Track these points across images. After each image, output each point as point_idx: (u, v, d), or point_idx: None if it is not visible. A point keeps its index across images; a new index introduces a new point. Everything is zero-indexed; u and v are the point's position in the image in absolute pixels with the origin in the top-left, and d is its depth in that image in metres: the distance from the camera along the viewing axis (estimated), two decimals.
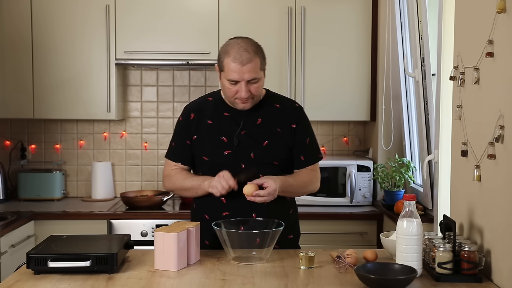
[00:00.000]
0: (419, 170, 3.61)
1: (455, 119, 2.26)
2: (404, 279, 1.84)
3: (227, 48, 2.33)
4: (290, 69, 3.89)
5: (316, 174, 2.53)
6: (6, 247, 3.16)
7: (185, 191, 2.47)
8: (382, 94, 3.73)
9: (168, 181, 2.50)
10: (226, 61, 2.31)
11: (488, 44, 1.94)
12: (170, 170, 2.50)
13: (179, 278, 1.98)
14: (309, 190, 2.52)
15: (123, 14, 3.86)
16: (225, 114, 2.44)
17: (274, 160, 2.42)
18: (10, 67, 3.85)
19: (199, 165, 2.47)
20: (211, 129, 2.43)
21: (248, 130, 2.41)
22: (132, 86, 4.25)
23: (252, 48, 2.32)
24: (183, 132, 2.48)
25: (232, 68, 2.29)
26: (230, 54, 2.30)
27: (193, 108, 2.49)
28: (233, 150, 2.39)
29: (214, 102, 2.48)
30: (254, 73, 2.31)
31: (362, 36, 3.92)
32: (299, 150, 2.46)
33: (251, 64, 2.29)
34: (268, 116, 2.44)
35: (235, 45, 2.32)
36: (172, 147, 2.52)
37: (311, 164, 2.49)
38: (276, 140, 2.42)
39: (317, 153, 2.53)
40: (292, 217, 2.51)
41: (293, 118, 2.46)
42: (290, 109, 2.49)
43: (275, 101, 2.50)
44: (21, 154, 4.17)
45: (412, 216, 1.96)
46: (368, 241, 3.66)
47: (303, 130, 2.47)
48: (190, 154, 2.47)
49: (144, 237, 3.57)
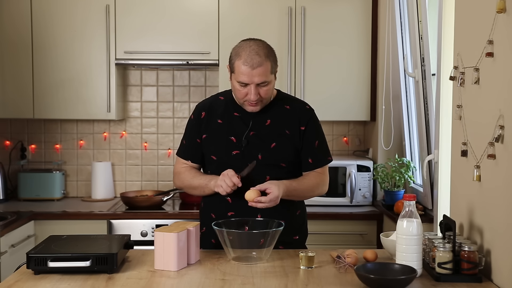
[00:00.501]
0: (419, 170, 3.61)
1: (455, 119, 2.26)
2: (404, 279, 1.84)
3: (239, 50, 2.32)
4: (290, 69, 3.89)
5: (324, 177, 2.51)
6: (6, 247, 3.16)
7: (193, 189, 2.48)
8: (382, 94, 3.73)
9: (178, 179, 2.53)
10: (237, 63, 2.30)
11: (488, 44, 1.94)
12: (180, 168, 2.51)
13: (179, 278, 1.98)
14: (316, 194, 2.50)
15: (123, 14, 3.86)
16: (235, 114, 2.44)
17: (281, 162, 2.41)
18: (10, 67, 3.85)
19: (208, 164, 2.47)
20: (221, 128, 2.43)
21: (256, 131, 2.41)
22: (132, 86, 4.25)
23: (263, 52, 2.30)
24: (194, 130, 2.48)
25: (242, 71, 2.28)
26: (241, 57, 2.29)
27: (205, 107, 2.49)
28: (241, 151, 2.39)
29: (225, 102, 2.48)
30: (264, 76, 2.29)
31: (362, 36, 3.92)
32: (307, 153, 2.45)
33: (262, 68, 2.28)
34: (277, 118, 2.44)
35: (247, 47, 2.30)
36: (183, 145, 2.53)
37: (319, 167, 2.48)
38: (283, 142, 2.41)
39: (326, 156, 2.51)
40: (299, 218, 2.50)
41: (303, 120, 2.45)
42: (300, 111, 2.47)
43: (285, 102, 2.49)
44: (21, 154, 4.17)
45: (412, 216, 1.96)
46: (368, 241, 3.66)
47: (312, 133, 2.46)
48: (199, 153, 2.47)
49: (144, 237, 3.57)
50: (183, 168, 2.50)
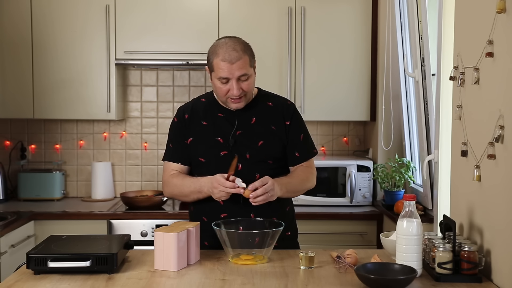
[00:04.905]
0: (419, 170, 3.61)
1: (455, 119, 2.26)
2: (404, 279, 1.84)
3: (215, 48, 2.35)
4: (290, 69, 3.89)
5: (312, 170, 2.52)
6: (6, 247, 3.16)
7: (185, 197, 2.44)
8: (382, 94, 3.73)
9: (167, 188, 2.47)
10: (216, 61, 2.32)
11: (488, 44, 1.94)
12: (167, 177, 2.46)
13: (179, 278, 1.98)
14: (307, 187, 2.51)
15: (123, 14, 3.87)
16: (219, 115, 2.44)
17: (269, 159, 2.41)
18: (10, 67, 3.85)
19: (196, 167, 2.45)
20: (206, 130, 2.42)
21: (243, 130, 2.41)
22: (132, 86, 4.25)
23: (240, 47, 2.33)
24: (179, 132, 2.47)
25: (221, 67, 2.31)
26: (219, 54, 2.32)
27: (187, 109, 2.49)
28: (229, 151, 2.38)
29: (207, 103, 2.48)
30: (244, 69, 2.32)
31: (362, 36, 3.92)
32: (294, 147, 2.46)
33: (240, 61, 2.31)
34: (262, 115, 2.44)
35: (223, 45, 2.34)
36: (170, 149, 2.50)
37: (306, 160, 2.49)
38: (270, 138, 2.42)
39: (311, 149, 2.53)
40: (289, 214, 2.51)
41: (286, 115, 2.46)
42: (283, 107, 2.49)
43: (267, 99, 2.50)
44: (21, 154, 4.17)
45: (412, 216, 1.96)
46: (368, 241, 3.66)
47: (296, 127, 2.48)
48: (188, 154, 2.46)
49: (144, 237, 3.57)
50: (171, 176, 2.45)
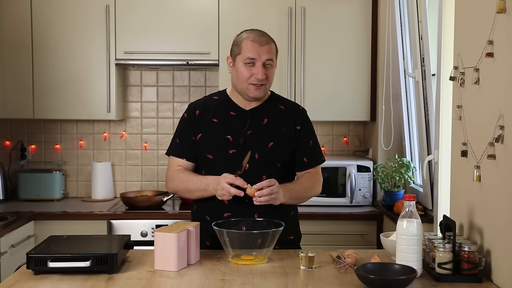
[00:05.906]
0: (419, 170, 3.61)
1: (455, 119, 2.26)
2: (404, 279, 1.84)
3: (244, 33, 2.42)
4: (290, 69, 3.89)
5: (318, 177, 2.51)
6: (6, 247, 3.16)
7: (189, 193, 2.43)
8: (382, 94, 3.73)
9: (171, 183, 2.46)
10: (245, 42, 2.36)
11: (488, 44, 1.94)
12: (173, 172, 2.45)
13: (179, 278, 1.98)
14: (312, 195, 2.49)
15: (123, 14, 3.87)
16: (231, 113, 2.44)
17: (278, 161, 2.41)
18: (10, 67, 3.85)
19: (203, 164, 2.44)
20: (216, 127, 2.42)
21: (254, 130, 2.41)
22: (132, 86, 4.25)
23: (268, 35, 2.42)
24: (188, 128, 2.45)
25: (250, 48, 2.35)
26: (249, 37, 2.38)
27: (198, 106, 2.48)
28: (238, 150, 2.38)
29: (220, 101, 2.48)
30: (271, 54, 2.38)
31: (362, 36, 3.92)
32: (302, 152, 2.46)
33: (269, 45, 2.37)
34: (274, 117, 2.45)
35: (253, 31, 2.42)
36: (176, 144, 2.48)
37: (313, 166, 2.49)
38: (281, 141, 2.42)
39: (320, 156, 2.52)
40: (293, 218, 2.50)
41: (298, 119, 2.47)
42: (295, 111, 2.49)
43: (280, 102, 2.51)
44: (21, 154, 4.17)
45: (412, 216, 1.96)
46: (368, 241, 3.66)
47: (307, 133, 2.48)
48: (195, 151, 2.44)
49: (144, 237, 3.57)
50: (176, 172, 2.44)
